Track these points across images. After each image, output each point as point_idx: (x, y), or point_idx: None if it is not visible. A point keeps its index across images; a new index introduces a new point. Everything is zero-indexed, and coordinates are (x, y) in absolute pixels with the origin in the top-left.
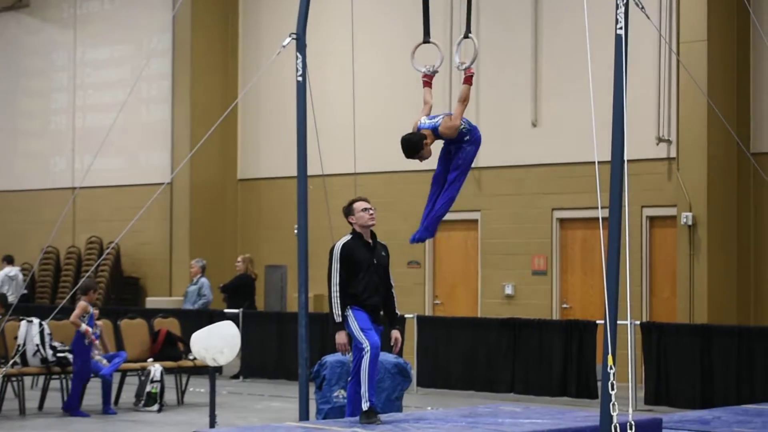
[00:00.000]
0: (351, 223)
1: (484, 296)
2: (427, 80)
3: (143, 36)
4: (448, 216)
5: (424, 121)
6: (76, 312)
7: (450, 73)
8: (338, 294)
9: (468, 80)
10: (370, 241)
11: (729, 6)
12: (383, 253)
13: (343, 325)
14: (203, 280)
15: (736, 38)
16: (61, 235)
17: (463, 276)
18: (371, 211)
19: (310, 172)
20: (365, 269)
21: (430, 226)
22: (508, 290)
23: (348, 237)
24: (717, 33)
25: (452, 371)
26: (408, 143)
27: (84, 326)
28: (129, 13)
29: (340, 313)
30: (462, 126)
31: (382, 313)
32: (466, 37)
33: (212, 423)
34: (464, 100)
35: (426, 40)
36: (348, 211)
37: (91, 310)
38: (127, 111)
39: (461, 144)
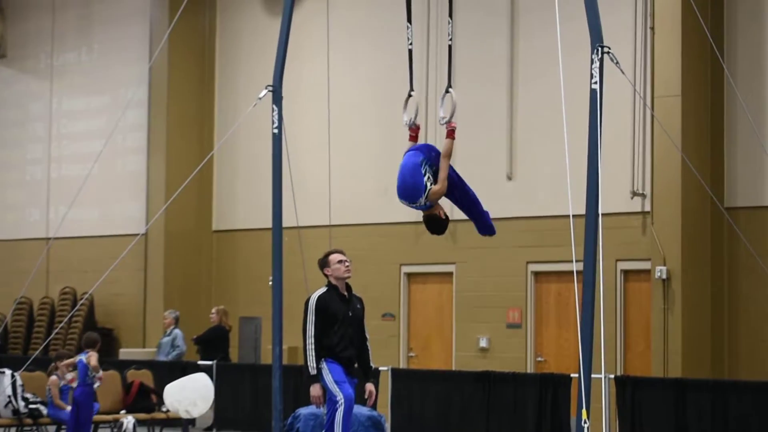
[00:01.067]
0: (326, 275)
1: (458, 349)
2: (413, 134)
3: (120, 87)
4: (423, 268)
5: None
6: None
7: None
8: (313, 346)
9: (450, 134)
10: (346, 293)
11: (703, 61)
12: (358, 306)
13: (318, 377)
14: (177, 331)
15: (710, 93)
16: (35, 286)
17: (437, 328)
18: (347, 263)
19: (285, 224)
20: (340, 321)
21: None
22: (483, 343)
23: (323, 289)
24: (691, 88)
25: (426, 424)
26: (439, 227)
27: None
28: (106, 65)
29: (314, 365)
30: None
31: (356, 365)
32: (447, 91)
33: None
34: (447, 156)
35: (411, 92)
36: (323, 263)
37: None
38: (103, 162)
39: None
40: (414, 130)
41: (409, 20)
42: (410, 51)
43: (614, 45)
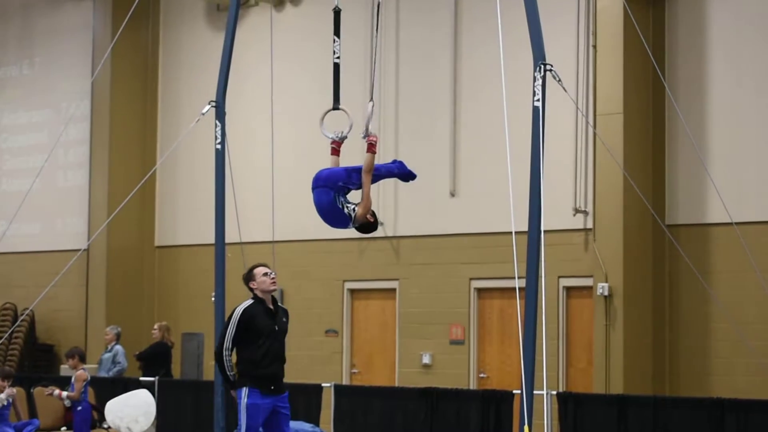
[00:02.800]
0: (252, 289)
1: (401, 365)
2: (335, 147)
3: (61, 101)
4: (366, 284)
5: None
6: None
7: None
8: (228, 358)
9: (370, 148)
10: (272, 306)
11: (645, 79)
12: (284, 319)
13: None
14: (118, 347)
15: (651, 111)
16: None
17: (380, 345)
18: (272, 276)
19: (227, 240)
20: (266, 336)
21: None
22: (426, 359)
23: (249, 302)
24: (633, 106)
25: None
26: (370, 228)
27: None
28: (48, 79)
29: (232, 373)
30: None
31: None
32: (335, 108)
33: None
34: (369, 171)
35: (335, 106)
36: (248, 276)
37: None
38: (45, 176)
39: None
40: (338, 143)
41: (337, 34)
42: (336, 65)
43: (556, 63)
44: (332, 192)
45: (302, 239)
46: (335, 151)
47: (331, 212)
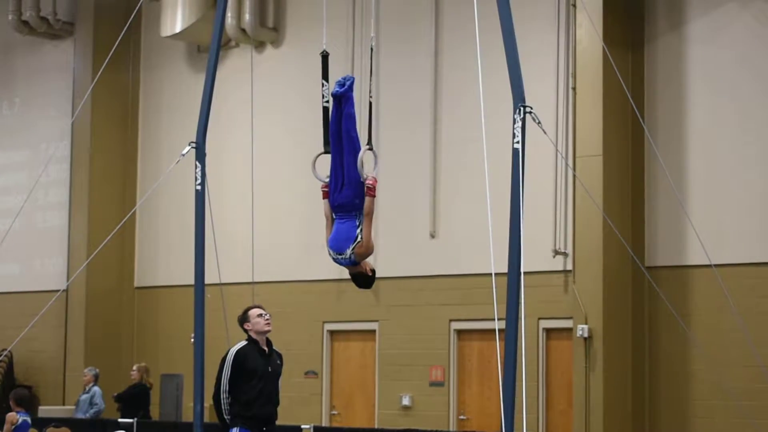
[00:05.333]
0: (246, 330)
1: (381, 407)
2: (327, 190)
3: (41, 142)
4: (346, 326)
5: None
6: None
7: None
8: (227, 401)
9: (369, 192)
10: (266, 348)
11: (624, 122)
12: (278, 361)
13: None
14: (96, 388)
15: (630, 153)
16: None
17: (360, 386)
18: (267, 317)
19: (207, 281)
20: (259, 377)
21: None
22: (406, 401)
23: (243, 343)
24: (612, 148)
25: None
26: (366, 282)
27: None
28: (28, 119)
29: (229, 417)
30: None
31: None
32: (369, 149)
33: None
34: (369, 214)
35: (326, 150)
36: (243, 318)
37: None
38: (24, 217)
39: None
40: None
41: (325, 78)
42: (325, 108)
43: (536, 104)
44: (351, 219)
45: (282, 280)
46: (326, 195)
47: (346, 240)
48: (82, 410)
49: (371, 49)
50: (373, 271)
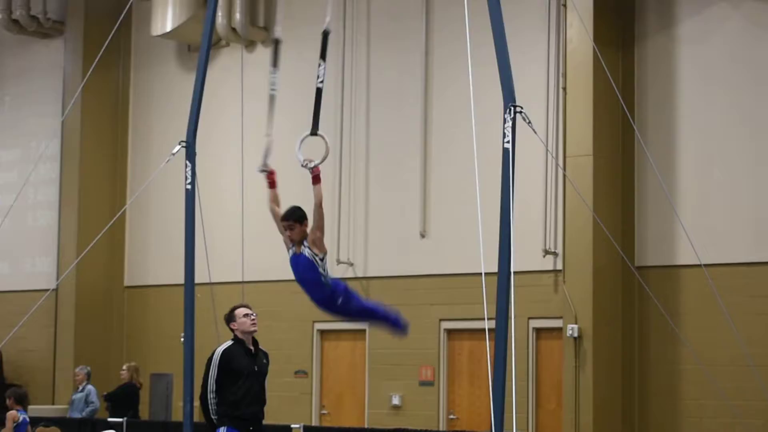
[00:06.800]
0: (232, 330)
1: (371, 406)
2: (272, 180)
3: (31, 140)
4: (336, 325)
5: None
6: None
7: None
8: (215, 400)
9: (315, 180)
10: (252, 347)
11: (614, 122)
12: (264, 361)
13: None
14: (90, 387)
15: (621, 153)
16: None
17: (350, 386)
18: (253, 317)
19: (197, 280)
20: (245, 376)
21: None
22: (396, 401)
23: (229, 343)
24: (602, 148)
25: None
26: (295, 211)
27: None
28: (18, 118)
29: (216, 417)
30: (326, 283)
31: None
32: (313, 134)
33: None
34: (320, 204)
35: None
36: (229, 317)
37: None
38: (13, 216)
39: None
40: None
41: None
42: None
43: (527, 104)
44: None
45: (272, 279)
46: (272, 184)
47: (322, 296)
48: (77, 409)
49: (325, 33)
50: (292, 234)
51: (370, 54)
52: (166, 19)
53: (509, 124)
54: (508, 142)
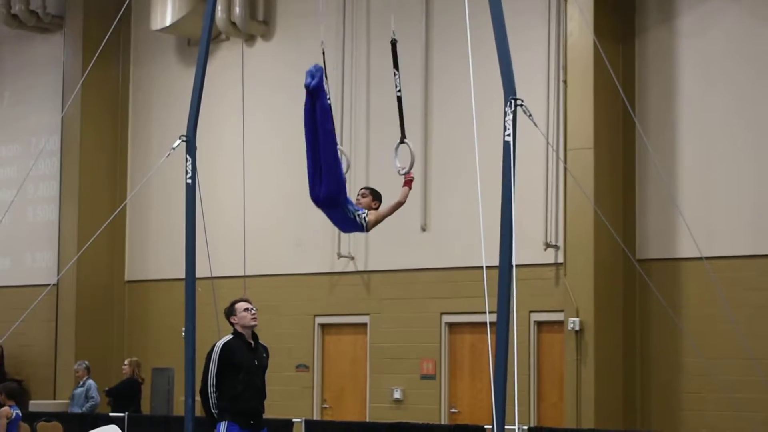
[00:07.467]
0: (232, 324)
1: (372, 400)
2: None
3: (31, 136)
4: (337, 319)
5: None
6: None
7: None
8: (215, 394)
9: (407, 184)
10: (252, 341)
11: (615, 115)
12: (264, 355)
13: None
14: (90, 382)
15: (622, 146)
16: None
17: (351, 380)
18: (253, 311)
19: (198, 275)
20: (245, 370)
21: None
22: (397, 394)
23: (229, 337)
24: (603, 141)
25: None
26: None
27: None
28: (17, 113)
29: (216, 411)
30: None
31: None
32: (402, 142)
33: None
34: (401, 204)
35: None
36: (230, 311)
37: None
38: (14, 211)
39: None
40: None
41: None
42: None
43: (527, 97)
44: (339, 209)
45: (273, 274)
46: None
47: (346, 223)
48: (77, 404)
49: (393, 42)
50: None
51: (370, 48)
52: (166, 14)
53: (510, 117)
54: (508, 135)
